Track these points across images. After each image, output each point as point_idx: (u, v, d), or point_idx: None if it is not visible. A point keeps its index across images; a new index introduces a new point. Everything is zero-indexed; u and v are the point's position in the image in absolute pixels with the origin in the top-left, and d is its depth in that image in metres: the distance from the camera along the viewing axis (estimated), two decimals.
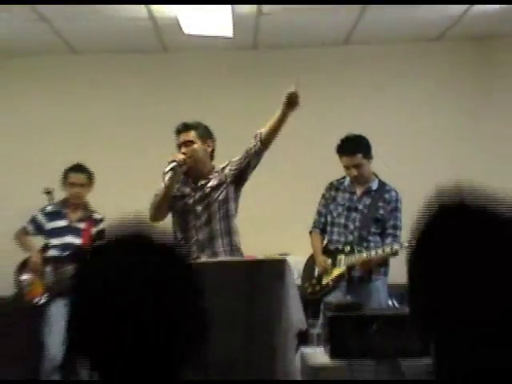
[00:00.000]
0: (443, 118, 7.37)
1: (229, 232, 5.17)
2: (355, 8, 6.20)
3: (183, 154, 5.06)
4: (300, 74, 7.15)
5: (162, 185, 4.98)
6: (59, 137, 7.36)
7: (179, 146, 5.14)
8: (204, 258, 4.93)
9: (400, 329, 4.35)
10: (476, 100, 7.38)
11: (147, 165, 6.94)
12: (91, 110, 7.42)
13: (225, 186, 5.16)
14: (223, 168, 5.20)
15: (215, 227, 5.12)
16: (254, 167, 5.15)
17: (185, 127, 5.16)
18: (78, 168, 6.26)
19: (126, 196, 6.97)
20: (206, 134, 5.21)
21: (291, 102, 4.87)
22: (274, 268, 4.28)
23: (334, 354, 4.33)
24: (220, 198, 5.15)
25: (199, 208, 5.14)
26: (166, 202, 5.06)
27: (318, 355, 4.52)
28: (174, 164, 4.96)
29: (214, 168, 5.24)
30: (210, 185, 5.16)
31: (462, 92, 7.41)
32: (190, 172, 5.19)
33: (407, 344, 4.31)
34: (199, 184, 5.18)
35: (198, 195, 5.17)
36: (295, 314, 4.30)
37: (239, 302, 4.13)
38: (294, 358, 4.24)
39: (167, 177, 4.93)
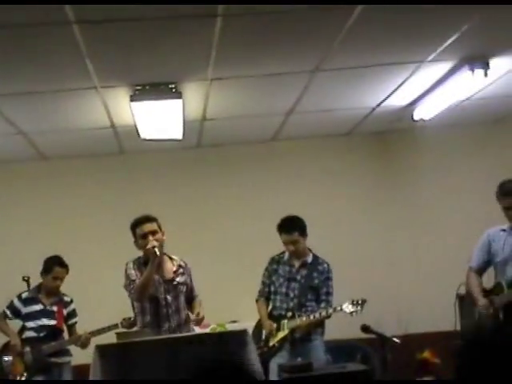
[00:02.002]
0: (356, 198, 7.42)
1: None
2: (281, 112, 6.23)
3: (156, 240, 4.82)
4: (237, 165, 7.31)
5: (131, 275, 4.80)
6: (34, 231, 7.17)
7: (144, 236, 4.88)
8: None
9: None
10: (379, 185, 7.49)
11: (108, 251, 6.82)
12: (61, 205, 7.26)
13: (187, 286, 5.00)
14: (185, 267, 5.02)
15: (182, 316, 4.92)
16: None
17: (149, 219, 4.95)
18: (62, 263, 6.08)
19: (91, 279, 6.81)
20: (160, 226, 5.01)
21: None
22: (238, 337, 4.15)
23: None
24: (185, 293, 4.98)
25: (169, 298, 4.92)
26: (148, 287, 4.79)
27: None
28: (155, 249, 4.72)
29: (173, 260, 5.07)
30: (178, 280, 4.95)
31: (368, 178, 7.52)
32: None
33: None
34: (166, 278, 4.96)
35: (166, 287, 4.94)
36: (258, 376, 4.16)
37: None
38: None
39: (151, 262, 4.70)
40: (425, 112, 6.40)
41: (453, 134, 7.36)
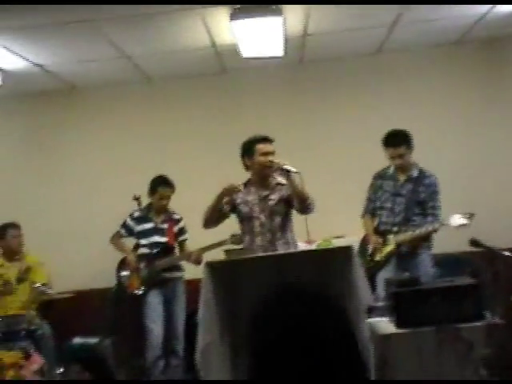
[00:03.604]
0: (465, 110, 7.16)
1: (286, 230, 5.04)
2: (386, 21, 6.01)
3: (270, 161, 4.87)
4: (340, 79, 7.17)
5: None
6: (142, 149, 7.34)
7: (265, 154, 4.93)
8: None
9: (455, 298, 4.22)
10: (490, 96, 7.18)
11: (214, 170, 6.94)
12: (166, 126, 7.36)
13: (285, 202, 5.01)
14: (283, 185, 5.02)
15: (276, 235, 4.97)
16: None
17: (270, 140, 4.99)
18: (167, 182, 6.24)
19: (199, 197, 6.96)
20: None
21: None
22: (343, 254, 4.17)
23: (399, 324, 4.23)
24: (282, 212, 4.99)
25: (263, 218, 4.99)
26: (216, 214, 4.95)
27: (384, 325, 4.42)
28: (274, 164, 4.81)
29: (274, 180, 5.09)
30: (273, 197, 4.99)
31: (478, 89, 7.22)
32: (262, 180, 5.02)
33: (463, 311, 4.19)
34: (263, 194, 5.02)
35: (261, 205, 5.01)
36: (364, 291, 4.20)
37: (316, 283, 4.01)
38: (366, 328, 4.12)
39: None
40: None
41: None
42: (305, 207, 4.79)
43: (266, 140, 4.97)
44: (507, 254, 4.43)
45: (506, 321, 4.19)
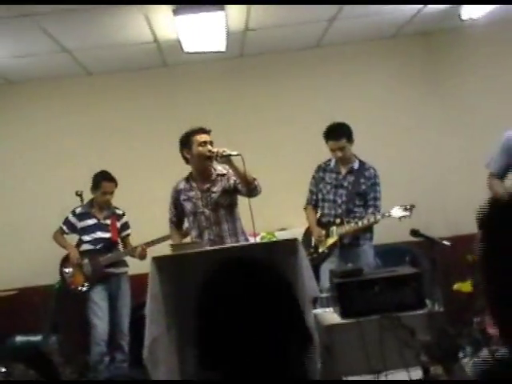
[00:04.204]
0: (402, 102, 7.33)
1: (233, 220, 5.09)
2: (325, 16, 6.12)
3: (209, 151, 4.91)
4: (281, 73, 7.25)
5: None
6: (84, 146, 7.26)
7: (202, 144, 4.96)
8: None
9: (397, 287, 4.35)
10: (427, 88, 7.37)
11: (157, 163, 6.93)
12: (107, 120, 7.31)
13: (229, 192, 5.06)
14: (224, 175, 5.06)
15: (223, 227, 5.02)
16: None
17: (206, 130, 5.04)
18: (110, 177, 6.21)
19: (141, 191, 6.95)
20: None
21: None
22: (290, 246, 4.24)
23: (343, 314, 4.34)
24: (226, 203, 5.04)
25: (207, 211, 5.03)
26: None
27: (329, 316, 4.52)
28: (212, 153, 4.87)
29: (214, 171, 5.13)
30: (215, 189, 5.04)
31: (415, 81, 7.40)
32: (203, 173, 5.06)
33: (405, 299, 4.32)
34: (204, 188, 5.06)
35: (204, 199, 5.05)
36: (309, 282, 4.29)
37: (263, 274, 4.07)
38: (312, 320, 4.21)
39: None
40: (473, 10, 6.20)
41: (505, 31, 7.07)
42: (251, 189, 4.85)
43: (202, 131, 5.01)
44: (445, 242, 4.58)
45: (445, 308, 4.35)
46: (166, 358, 4.22)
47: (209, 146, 4.93)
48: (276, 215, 6.82)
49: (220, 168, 5.04)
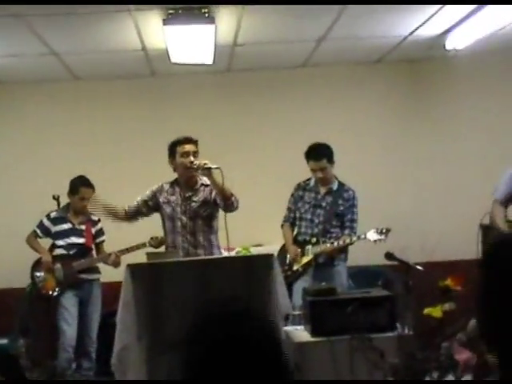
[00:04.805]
0: (384, 128, 7.41)
1: (210, 232, 5.10)
2: (313, 38, 6.19)
3: (190, 162, 4.93)
4: (266, 90, 7.30)
5: None
6: (65, 151, 7.24)
7: (185, 154, 4.99)
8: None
9: (370, 309, 4.38)
10: (408, 115, 7.45)
11: (136, 173, 6.92)
12: (90, 126, 7.30)
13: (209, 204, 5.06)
14: (207, 186, 5.07)
15: (198, 237, 5.03)
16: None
17: (191, 140, 5.06)
18: (88, 183, 6.17)
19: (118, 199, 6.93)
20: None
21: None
22: (265, 261, 4.26)
23: (314, 332, 4.35)
24: (205, 213, 5.05)
25: (184, 219, 5.03)
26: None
27: (300, 333, 4.53)
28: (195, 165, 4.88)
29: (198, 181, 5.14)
30: (196, 199, 5.05)
31: (398, 106, 7.48)
32: (187, 182, 5.08)
33: (376, 321, 4.34)
34: (186, 195, 5.07)
35: (183, 206, 5.05)
36: (282, 299, 4.30)
37: (238, 290, 4.08)
38: (283, 337, 4.22)
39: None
40: (458, 41, 6.31)
41: (487, 62, 7.16)
42: (228, 204, 4.87)
43: (187, 141, 5.04)
44: (419, 267, 4.63)
45: (415, 332, 4.38)
46: (134, 367, 4.20)
47: (191, 158, 4.95)
48: (252, 231, 6.83)
49: (205, 179, 5.06)
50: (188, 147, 5.00)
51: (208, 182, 5.03)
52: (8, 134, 7.25)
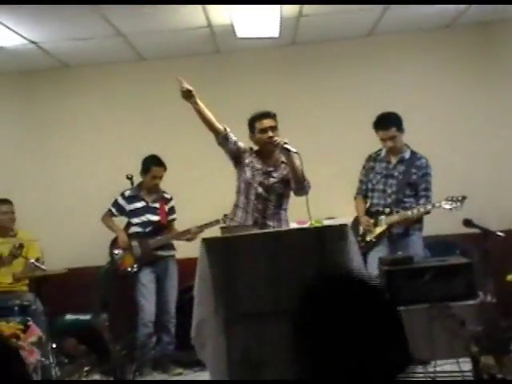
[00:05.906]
0: (456, 95, 7.20)
1: (280, 207, 5.05)
2: (378, 7, 6.06)
3: (269, 137, 4.85)
4: (333, 62, 7.18)
5: None
6: (134, 128, 7.33)
7: (263, 130, 4.91)
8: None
9: (448, 277, 4.28)
10: (482, 79, 7.21)
11: (209, 150, 6.88)
12: (157, 107, 7.32)
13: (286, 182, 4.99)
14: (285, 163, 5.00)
15: (268, 210, 4.99)
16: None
17: (270, 114, 4.96)
18: (159, 162, 6.26)
19: (192, 177, 6.98)
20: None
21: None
22: (339, 232, 4.19)
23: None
24: (280, 190, 5.00)
25: (260, 189, 4.99)
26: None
27: None
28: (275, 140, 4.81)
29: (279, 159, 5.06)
30: (275, 175, 4.99)
31: (470, 72, 7.25)
32: (267, 157, 5.01)
33: (455, 289, 4.25)
34: (267, 169, 5.01)
35: (263, 178, 4.99)
36: (358, 267, 4.23)
37: (312, 260, 4.04)
38: None
39: None
40: None
41: None
42: (300, 188, 4.81)
43: (264, 116, 4.95)
44: (500, 233, 4.49)
45: (497, 300, 4.27)
46: (212, 339, 4.23)
47: (269, 133, 4.89)
48: (324, 204, 6.75)
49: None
50: (266, 122, 4.92)
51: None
52: (79, 117, 7.37)
